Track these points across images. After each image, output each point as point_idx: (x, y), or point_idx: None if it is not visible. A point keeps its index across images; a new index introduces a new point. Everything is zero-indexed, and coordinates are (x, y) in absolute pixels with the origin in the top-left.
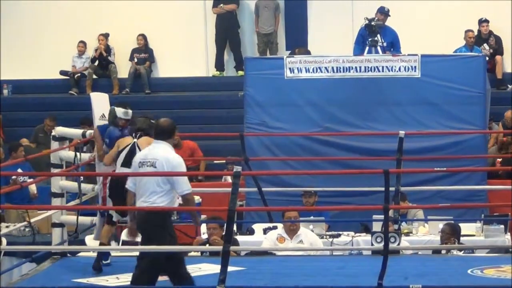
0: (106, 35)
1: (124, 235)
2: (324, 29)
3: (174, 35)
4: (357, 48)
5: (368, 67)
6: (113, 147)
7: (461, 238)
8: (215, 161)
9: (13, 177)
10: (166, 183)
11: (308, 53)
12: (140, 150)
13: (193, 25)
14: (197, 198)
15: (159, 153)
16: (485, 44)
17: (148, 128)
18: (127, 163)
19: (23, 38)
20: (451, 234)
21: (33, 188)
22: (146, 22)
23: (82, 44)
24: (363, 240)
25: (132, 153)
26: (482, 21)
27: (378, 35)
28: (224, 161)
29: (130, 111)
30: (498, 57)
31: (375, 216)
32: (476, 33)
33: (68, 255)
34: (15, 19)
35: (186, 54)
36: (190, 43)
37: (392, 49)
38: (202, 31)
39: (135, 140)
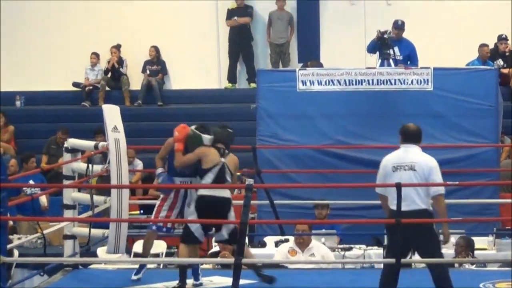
0: (118, 47)
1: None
2: (337, 42)
3: (187, 47)
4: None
5: (381, 80)
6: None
7: (474, 252)
8: None
9: (23, 188)
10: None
11: (321, 65)
12: (230, 171)
13: (205, 37)
14: None
15: (417, 156)
16: (499, 59)
17: (229, 143)
18: (218, 182)
19: (35, 50)
20: (466, 247)
21: (43, 200)
22: (158, 34)
23: (95, 56)
24: (375, 253)
25: (222, 174)
26: (502, 38)
27: (395, 48)
28: (239, 173)
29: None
30: None
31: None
32: (491, 46)
33: (80, 267)
34: (28, 31)
35: (199, 66)
36: (203, 55)
37: (409, 62)
38: (215, 43)
39: (222, 159)
